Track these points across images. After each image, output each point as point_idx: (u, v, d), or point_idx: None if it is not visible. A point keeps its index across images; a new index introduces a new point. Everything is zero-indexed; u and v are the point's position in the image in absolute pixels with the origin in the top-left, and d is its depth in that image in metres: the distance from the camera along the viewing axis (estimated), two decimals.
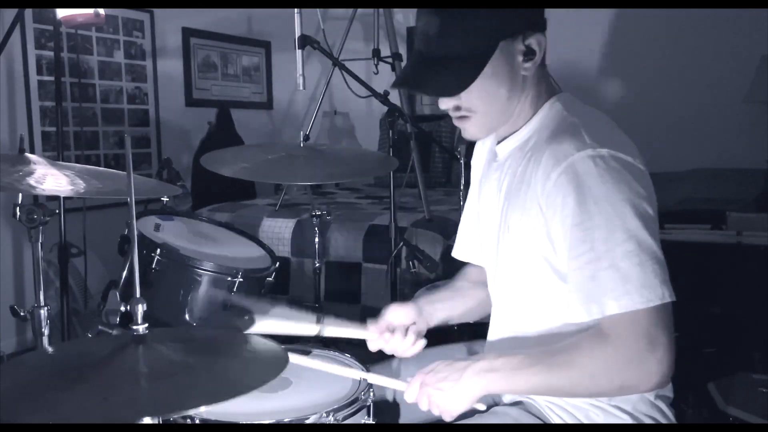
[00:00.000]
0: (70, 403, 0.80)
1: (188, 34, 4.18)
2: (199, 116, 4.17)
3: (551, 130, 1.09)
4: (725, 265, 2.12)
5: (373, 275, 2.70)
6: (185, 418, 1.09)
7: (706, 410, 1.63)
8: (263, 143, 4.08)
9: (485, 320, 1.29)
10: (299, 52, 2.26)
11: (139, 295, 0.93)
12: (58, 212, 2.19)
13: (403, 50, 4.21)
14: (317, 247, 2.21)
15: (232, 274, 1.69)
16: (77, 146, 3.47)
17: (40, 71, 3.29)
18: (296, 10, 2.31)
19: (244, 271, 1.71)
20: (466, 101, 1.08)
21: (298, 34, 2.25)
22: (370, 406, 1.17)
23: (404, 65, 1.12)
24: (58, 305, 2.30)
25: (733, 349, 2.00)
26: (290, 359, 1.03)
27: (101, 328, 1.28)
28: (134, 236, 0.98)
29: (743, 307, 2.03)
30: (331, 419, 1.10)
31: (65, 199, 2.22)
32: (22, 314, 1.47)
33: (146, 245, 1.68)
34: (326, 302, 2.57)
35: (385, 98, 2.14)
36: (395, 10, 4.07)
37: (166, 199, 1.90)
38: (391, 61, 3.27)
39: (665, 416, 1.12)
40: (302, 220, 2.88)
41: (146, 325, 0.92)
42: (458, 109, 1.10)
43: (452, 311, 1.35)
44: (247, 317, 1.20)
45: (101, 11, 2.30)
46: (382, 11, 3.41)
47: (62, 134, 2.42)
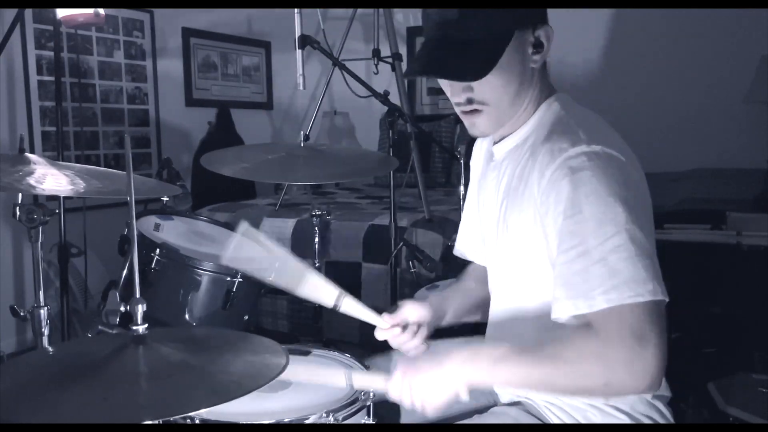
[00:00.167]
0: (70, 403, 0.80)
1: (188, 34, 4.18)
2: (199, 116, 4.17)
3: (548, 129, 1.09)
4: (725, 265, 2.12)
5: (373, 275, 2.70)
6: (185, 418, 1.09)
7: (706, 410, 1.63)
8: (263, 143, 4.08)
9: (484, 319, 1.29)
10: (299, 52, 2.26)
11: (138, 295, 0.93)
12: (58, 212, 2.19)
13: (403, 50, 4.21)
14: (317, 247, 2.21)
15: (231, 274, 1.70)
16: (77, 146, 3.47)
17: (40, 71, 3.29)
18: (296, 10, 2.31)
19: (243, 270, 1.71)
20: (479, 93, 1.08)
21: (298, 34, 2.25)
22: (370, 406, 1.17)
23: (418, 53, 1.09)
24: (58, 305, 2.30)
25: (733, 349, 1.99)
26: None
27: (101, 328, 1.28)
28: (134, 236, 0.98)
29: (743, 307, 2.02)
30: (331, 419, 1.10)
31: (65, 199, 2.23)
32: (22, 314, 1.47)
33: (146, 245, 1.68)
34: None
35: (385, 98, 2.14)
36: (395, 10, 4.07)
37: (166, 199, 1.90)
38: (391, 61, 3.27)
39: (663, 416, 1.11)
40: (302, 220, 2.88)
41: (146, 325, 0.92)
42: (470, 102, 1.09)
43: (460, 312, 1.35)
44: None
45: (101, 11, 2.30)
46: (382, 11, 3.42)
47: (62, 134, 2.42)
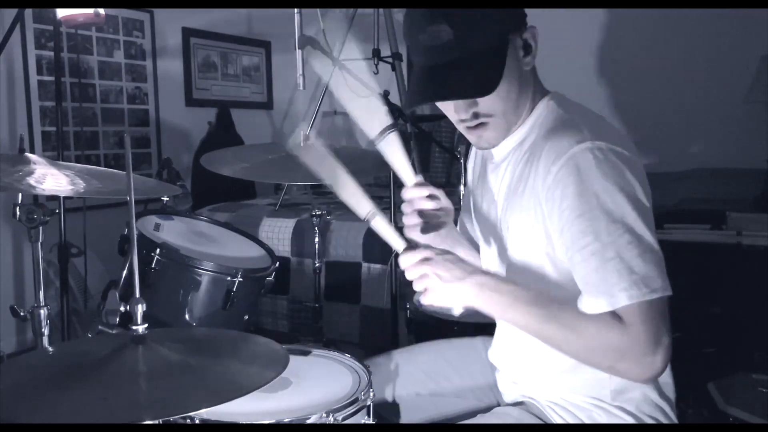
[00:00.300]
0: (69, 403, 0.80)
1: (188, 34, 4.18)
2: (199, 116, 4.17)
3: (548, 127, 1.09)
4: (725, 265, 2.12)
5: (373, 275, 2.70)
6: (185, 418, 1.09)
7: (706, 410, 1.63)
8: (263, 143, 4.07)
9: (486, 320, 1.29)
10: (299, 52, 2.26)
11: (138, 295, 0.93)
12: (58, 212, 2.19)
13: (403, 50, 4.20)
14: (317, 247, 2.21)
15: (231, 273, 1.69)
16: (77, 146, 3.47)
17: (40, 71, 3.29)
18: (296, 10, 2.31)
19: (243, 270, 1.71)
20: (484, 106, 1.07)
21: (298, 34, 2.25)
22: (370, 406, 1.17)
23: (416, 81, 1.07)
24: (58, 305, 2.30)
25: (733, 349, 1.99)
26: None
27: (101, 328, 1.28)
28: (134, 236, 0.98)
29: (743, 307, 2.02)
30: (331, 419, 1.10)
31: (65, 199, 2.23)
32: (22, 314, 1.47)
33: (146, 245, 1.68)
34: (326, 302, 2.57)
35: (385, 98, 2.14)
36: (395, 10, 4.06)
37: (166, 198, 1.90)
38: (391, 61, 3.27)
39: (668, 417, 1.12)
40: (302, 220, 2.88)
41: (146, 325, 0.92)
42: (476, 116, 1.08)
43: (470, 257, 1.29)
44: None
45: (101, 11, 2.30)
46: (382, 11, 3.41)
47: (62, 134, 2.42)
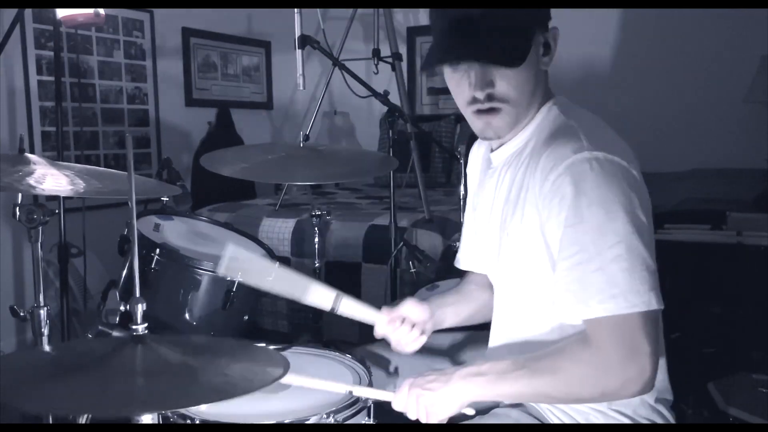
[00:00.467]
0: (66, 395, 0.80)
1: (188, 34, 4.18)
2: (199, 116, 4.17)
3: (548, 133, 1.09)
4: (725, 265, 2.12)
5: (373, 275, 2.70)
6: (185, 418, 1.09)
7: (706, 410, 1.63)
8: (263, 143, 4.07)
9: (486, 320, 1.29)
10: (299, 52, 2.26)
11: (138, 295, 0.93)
12: (57, 212, 2.18)
13: (403, 50, 4.21)
14: (317, 247, 2.20)
15: None
16: (77, 146, 3.46)
17: (40, 71, 3.29)
18: (296, 10, 2.31)
19: None
20: (500, 88, 1.07)
21: (298, 34, 2.25)
22: (370, 406, 1.17)
23: (440, 42, 1.09)
24: (57, 305, 2.30)
25: (733, 349, 1.99)
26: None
27: (101, 328, 1.28)
28: (134, 236, 0.98)
29: (743, 307, 2.02)
30: (331, 420, 1.10)
31: (65, 199, 2.22)
32: (21, 314, 1.47)
33: (146, 245, 1.68)
34: None
35: (385, 98, 2.14)
36: (395, 10, 4.07)
37: (166, 199, 1.90)
38: (391, 61, 3.27)
39: (665, 419, 1.11)
40: (302, 220, 2.88)
41: (146, 325, 0.92)
42: (490, 98, 1.08)
43: (460, 315, 1.35)
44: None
45: (101, 11, 2.30)
46: (382, 11, 3.41)
47: (62, 134, 2.41)
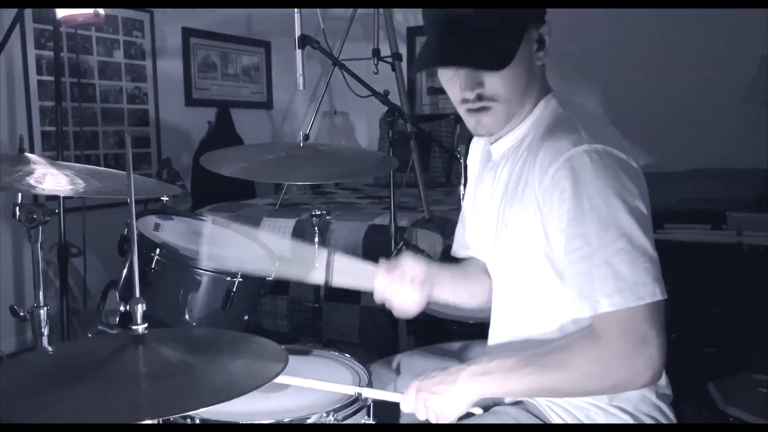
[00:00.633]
0: (69, 403, 0.80)
1: (188, 34, 4.18)
2: (199, 116, 4.17)
3: (547, 126, 1.09)
4: (725, 265, 2.12)
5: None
6: (185, 417, 1.09)
7: (706, 410, 1.63)
8: (263, 143, 4.07)
9: (485, 321, 1.29)
10: (299, 52, 2.26)
11: (138, 295, 0.92)
12: (57, 212, 2.19)
13: (403, 50, 4.21)
14: (317, 247, 2.20)
15: (231, 274, 1.69)
16: (77, 146, 3.47)
17: (39, 71, 3.29)
18: (296, 10, 2.31)
19: (243, 270, 1.71)
20: (490, 88, 1.07)
21: (298, 34, 2.25)
22: (370, 406, 1.17)
23: (429, 45, 1.09)
24: (57, 305, 2.30)
25: (733, 349, 2.00)
26: (282, 379, 1.03)
27: (101, 328, 1.28)
28: (134, 236, 0.98)
29: (743, 307, 2.03)
30: (331, 419, 1.10)
31: (65, 198, 2.22)
32: (21, 314, 1.47)
33: (146, 245, 1.68)
34: (326, 302, 2.57)
35: (385, 98, 2.15)
36: (395, 10, 4.07)
37: (165, 199, 1.89)
38: (391, 61, 3.27)
39: (666, 416, 1.11)
40: (302, 220, 2.88)
41: (146, 325, 0.92)
42: (480, 98, 1.08)
43: (457, 288, 1.34)
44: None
45: (101, 11, 2.30)
46: (382, 11, 3.41)
47: (62, 134, 2.42)
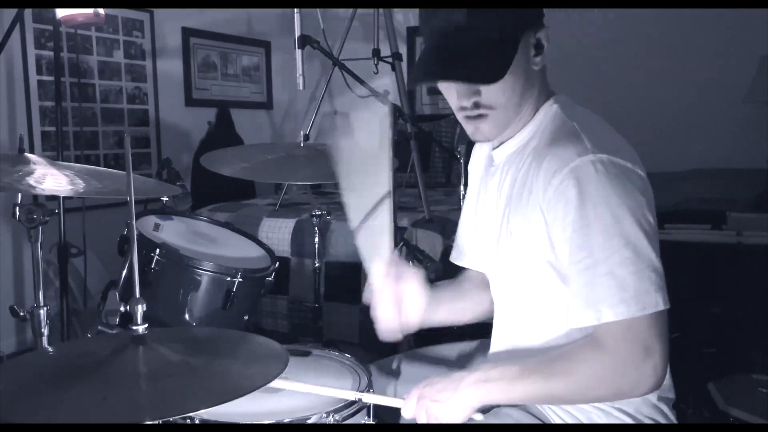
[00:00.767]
0: (70, 403, 0.80)
1: (188, 34, 4.18)
2: (199, 116, 4.17)
3: (551, 133, 1.09)
4: (725, 265, 2.12)
5: None
6: (185, 418, 1.09)
7: (706, 410, 1.63)
8: (263, 143, 4.07)
9: (486, 320, 1.29)
10: (299, 52, 2.26)
11: (138, 295, 0.93)
12: (57, 212, 2.18)
13: (403, 50, 4.21)
14: (317, 247, 2.20)
15: (231, 274, 1.69)
16: (77, 146, 3.46)
17: (39, 71, 3.29)
18: (296, 10, 2.31)
19: (243, 271, 1.71)
20: (486, 97, 1.07)
21: (298, 34, 2.25)
22: (370, 406, 1.17)
23: (424, 58, 1.09)
24: (57, 305, 2.30)
25: (733, 349, 2.00)
26: (282, 384, 1.06)
27: (101, 328, 1.28)
28: (134, 236, 0.98)
29: (743, 307, 2.03)
30: (331, 420, 1.10)
31: (65, 198, 2.22)
32: (21, 314, 1.47)
33: (146, 245, 1.68)
34: (326, 302, 2.57)
35: (385, 98, 2.14)
36: (395, 10, 4.07)
37: (165, 199, 1.90)
38: (391, 61, 3.27)
39: (667, 418, 1.12)
40: (302, 220, 2.88)
41: (146, 325, 0.92)
42: (476, 106, 1.08)
43: (452, 313, 1.35)
44: None
45: (101, 11, 2.30)
46: (382, 11, 3.41)
47: (62, 134, 2.41)
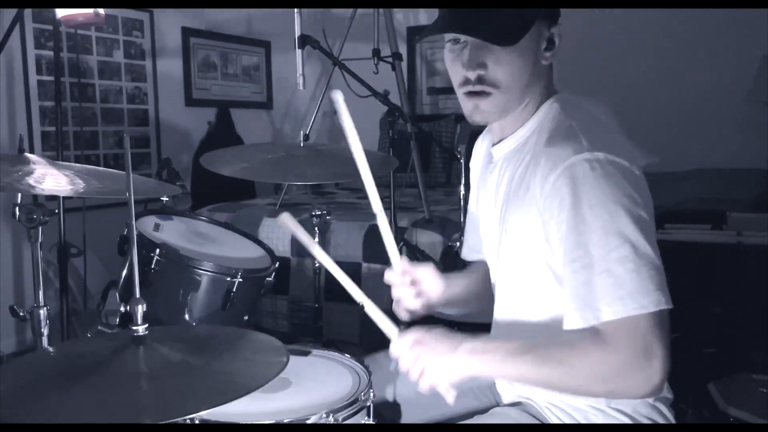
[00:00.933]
0: (70, 404, 0.80)
1: (188, 33, 4.18)
2: (199, 116, 4.17)
3: (549, 132, 1.09)
4: (725, 265, 2.12)
5: (373, 275, 2.69)
6: (185, 418, 1.09)
7: (706, 410, 1.63)
8: (263, 143, 4.07)
9: (485, 320, 1.29)
10: (299, 52, 2.26)
11: (138, 295, 0.93)
12: (57, 212, 2.18)
13: (403, 50, 4.21)
14: None
15: (231, 274, 1.69)
16: (77, 146, 3.46)
17: (39, 71, 3.29)
18: (296, 10, 2.31)
19: (243, 271, 1.71)
20: (492, 72, 1.07)
21: (298, 34, 2.25)
22: (370, 406, 1.17)
23: (437, 18, 1.10)
24: (57, 305, 2.30)
25: (733, 349, 1.99)
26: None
27: (101, 328, 1.28)
28: (133, 236, 0.98)
29: (743, 307, 2.02)
30: (331, 420, 1.10)
31: (65, 199, 2.22)
32: (21, 314, 1.47)
33: (146, 245, 1.68)
34: (326, 302, 2.57)
35: (385, 98, 2.15)
36: (395, 10, 4.07)
37: (165, 199, 1.89)
38: (391, 61, 3.27)
39: (665, 418, 1.11)
40: (302, 220, 2.85)
41: (146, 325, 0.92)
42: (481, 81, 1.08)
43: (465, 306, 1.35)
44: None
45: (101, 11, 2.30)
46: (382, 11, 3.41)
47: (62, 134, 2.41)
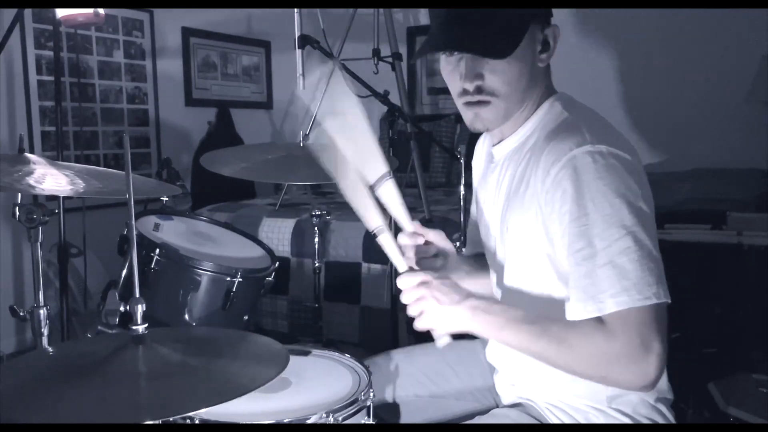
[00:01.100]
0: (69, 403, 0.80)
1: (188, 33, 4.18)
2: (199, 116, 4.17)
3: (550, 129, 1.09)
4: (725, 265, 2.12)
5: (373, 275, 2.70)
6: (185, 418, 1.09)
7: (706, 410, 1.63)
8: (263, 143, 4.07)
9: None
10: (299, 52, 2.26)
11: (138, 295, 0.93)
12: (57, 212, 2.18)
13: (403, 50, 4.21)
14: (317, 247, 2.20)
15: (231, 274, 1.69)
16: (77, 146, 3.46)
17: (39, 71, 3.29)
18: (296, 10, 2.31)
19: (243, 271, 1.71)
20: (490, 81, 1.07)
21: (298, 34, 2.25)
22: (370, 406, 1.17)
23: (434, 30, 1.10)
24: (57, 305, 2.30)
25: (733, 349, 1.99)
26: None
27: (101, 328, 1.28)
28: (133, 236, 0.98)
29: (743, 307, 2.02)
30: (331, 420, 1.10)
31: (65, 198, 2.22)
32: (21, 314, 1.47)
33: (145, 245, 1.68)
34: (326, 302, 2.57)
35: (385, 98, 2.15)
36: (395, 10, 4.07)
37: (165, 199, 1.90)
38: (391, 61, 3.27)
39: (665, 418, 1.11)
40: (302, 220, 2.88)
41: (146, 325, 0.92)
42: (479, 91, 1.08)
43: (473, 275, 1.31)
44: None
45: (101, 11, 2.30)
46: (382, 11, 3.41)
47: (62, 134, 2.41)
